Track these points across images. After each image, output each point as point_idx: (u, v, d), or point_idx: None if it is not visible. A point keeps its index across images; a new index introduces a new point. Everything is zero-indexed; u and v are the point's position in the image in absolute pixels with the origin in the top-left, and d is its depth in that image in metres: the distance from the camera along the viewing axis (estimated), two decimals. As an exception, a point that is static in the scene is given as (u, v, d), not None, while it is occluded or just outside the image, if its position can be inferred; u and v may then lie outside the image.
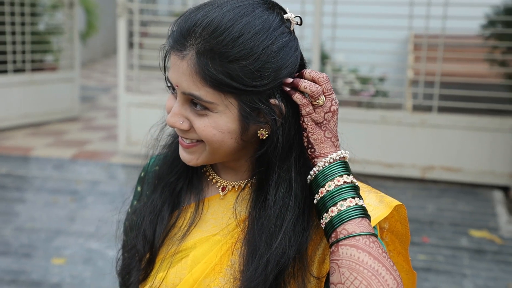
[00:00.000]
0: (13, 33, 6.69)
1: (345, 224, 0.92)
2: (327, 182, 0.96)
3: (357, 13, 5.20)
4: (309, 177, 0.98)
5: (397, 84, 6.64)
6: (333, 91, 0.99)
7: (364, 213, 0.94)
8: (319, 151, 0.98)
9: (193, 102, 0.97)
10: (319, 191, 0.96)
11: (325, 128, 0.98)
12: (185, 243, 1.06)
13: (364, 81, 5.83)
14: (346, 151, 0.99)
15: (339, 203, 0.94)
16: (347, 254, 0.90)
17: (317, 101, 0.97)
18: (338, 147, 0.99)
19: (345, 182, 0.96)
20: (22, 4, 6.74)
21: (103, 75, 11.17)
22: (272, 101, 0.96)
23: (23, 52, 6.79)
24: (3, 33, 6.60)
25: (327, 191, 0.95)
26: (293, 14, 1.01)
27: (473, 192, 5.13)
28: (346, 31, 5.22)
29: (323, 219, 0.95)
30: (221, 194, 1.08)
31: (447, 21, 5.03)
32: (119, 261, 1.21)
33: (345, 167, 0.97)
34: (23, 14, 6.75)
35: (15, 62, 6.73)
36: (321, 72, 1.12)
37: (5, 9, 6.51)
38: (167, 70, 1.01)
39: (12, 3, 6.61)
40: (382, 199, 1.02)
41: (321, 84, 0.97)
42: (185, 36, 0.95)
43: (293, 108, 0.98)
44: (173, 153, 1.11)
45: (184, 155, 1.02)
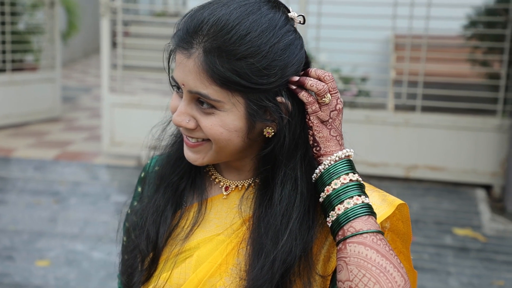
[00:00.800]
0: (-7, 33, 6.60)
1: (352, 221, 0.93)
2: (333, 180, 0.96)
3: (341, 13, 5.23)
4: (315, 175, 0.98)
5: (379, 84, 6.68)
6: (338, 89, 0.99)
7: (370, 211, 0.94)
8: (325, 149, 0.98)
9: (199, 100, 0.97)
10: (325, 189, 0.96)
11: (330, 126, 0.98)
12: (188, 243, 1.05)
13: (346, 80, 5.86)
14: (351, 150, 0.99)
15: (345, 201, 0.94)
16: (355, 251, 0.90)
17: (323, 99, 0.97)
18: (343, 145, 1.00)
19: (351, 180, 0.96)
20: (2, 3, 6.65)
21: (83, 75, 11.07)
22: (278, 99, 0.96)
23: (3, 52, 6.70)
24: (-18, 32, 6.51)
25: (333, 189, 0.95)
26: (296, 13, 1.02)
27: (456, 190, 5.19)
28: (330, 31, 5.24)
29: (330, 217, 0.95)
30: (224, 193, 1.07)
31: (430, 21, 5.07)
32: (120, 262, 1.20)
33: (350, 165, 0.98)
34: (3, 13, 6.66)
35: (-5, 61, 6.64)
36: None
37: (-15, 8, 6.43)
38: (172, 69, 1.01)
39: (-9, 2, 6.52)
40: (384, 198, 1.02)
41: (327, 82, 0.98)
42: (192, 34, 0.94)
43: (299, 106, 0.98)
44: (176, 153, 1.10)
45: (189, 154, 1.02)
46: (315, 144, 0.98)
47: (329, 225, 0.96)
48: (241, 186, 1.07)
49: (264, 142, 1.01)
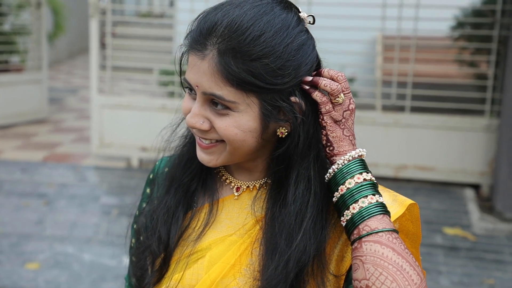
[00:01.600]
0: (-21, 34, 6.53)
1: (367, 220, 0.93)
2: (347, 179, 0.96)
3: (330, 14, 5.24)
4: (328, 175, 0.99)
5: (366, 84, 6.71)
6: (350, 90, 1.00)
7: (385, 210, 0.95)
8: (338, 149, 0.98)
9: (213, 102, 0.97)
10: (338, 188, 0.96)
11: (343, 126, 0.99)
12: (200, 244, 1.05)
13: (334, 81, 5.87)
14: (363, 149, 1.00)
15: (360, 200, 0.94)
16: (371, 250, 0.91)
17: (337, 99, 0.97)
18: (355, 145, 1.00)
19: (365, 179, 0.96)
20: (-13, 3, 6.58)
21: (69, 76, 10.99)
22: (292, 99, 0.96)
23: (-11, 52, 6.63)
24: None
25: (347, 188, 0.96)
26: (305, 13, 1.02)
27: (445, 190, 5.23)
28: (318, 32, 5.25)
29: (344, 216, 0.95)
30: (236, 194, 1.07)
31: (418, 22, 5.11)
32: (129, 264, 1.19)
33: (363, 165, 0.98)
34: (-12, 14, 6.59)
35: (-20, 63, 6.57)
36: None
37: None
38: (184, 70, 1.00)
39: (-23, 3, 6.45)
40: (395, 198, 1.03)
41: (340, 82, 0.98)
42: (206, 36, 0.94)
43: (312, 106, 0.99)
44: (186, 154, 1.10)
45: (202, 156, 1.01)
46: (328, 144, 0.99)
47: (344, 224, 0.96)
48: (252, 186, 1.07)
49: (276, 142, 1.01)
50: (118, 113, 5.60)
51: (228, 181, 1.09)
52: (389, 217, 0.95)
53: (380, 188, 1.04)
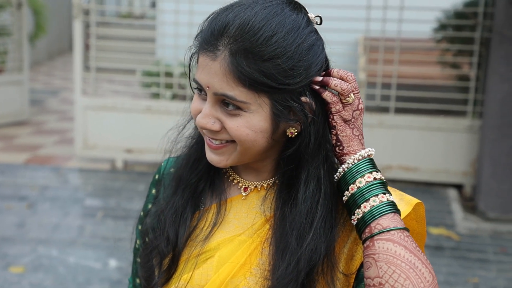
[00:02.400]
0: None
1: (378, 219, 0.94)
2: (357, 178, 0.97)
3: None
4: (338, 174, 1.00)
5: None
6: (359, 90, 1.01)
7: (395, 208, 0.96)
8: (348, 148, 0.99)
9: (224, 102, 0.97)
10: (349, 187, 0.97)
11: (353, 126, 1.00)
12: (208, 244, 1.05)
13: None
14: (372, 149, 1.01)
15: (371, 199, 0.95)
16: (383, 248, 0.92)
17: (347, 99, 0.98)
18: (364, 144, 1.01)
19: (375, 178, 0.98)
20: (-33, 4, 6.49)
21: (49, 78, 10.87)
22: (303, 99, 0.97)
23: (-31, 54, 6.53)
24: None
25: (358, 187, 0.97)
26: (313, 14, 1.03)
27: (429, 190, 5.28)
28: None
29: (355, 215, 0.96)
30: (244, 194, 1.07)
31: (401, 24, 5.15)
32: (133, 265, 1.19)
33: (373, 164, 1.00)
34: (-32, 14, 6.50)
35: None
36: None
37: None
38: (194, 71, 1.00)
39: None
40: (402, 197, 1.04)
41: (350, 82, 0.99)
42: (217, 36, 0.95)
43: (321, 106, 0.99)
44: (194, 155, 1.10)
45: (212, 156, 1.02)
46: (338, 143, 1.00)
47: (354, 223, 0.97)
48: (260, 186, 1.07)
49: (285, 142, 1.02)
50: (102, 115, 5.56)
51: (235, 181, 1.09)
52: (400, 215, 0.96)
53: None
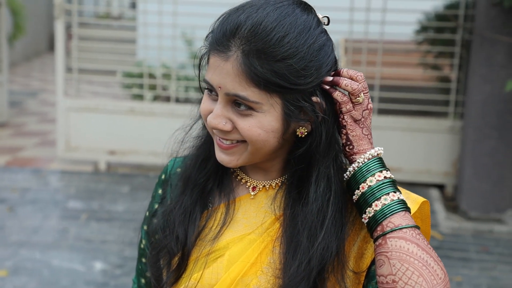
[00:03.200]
0: None
1: (390, 217, 0.95)
2: (368, 177, 0.98)
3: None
4: (348, 173, 1.01)
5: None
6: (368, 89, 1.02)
7: (405, 206, 0.97)
8: (358, 147, 1.00)
9: (236, 102, 0.97)
10: (360, 186, 0.98)
11: (362, 125, 1.01)
12: (218, 244, 1.05)
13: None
14: (381, 148, 1.02)
15: (382, 198, 0.97)
16: (396, 246, 0.93)
17: (357, 98, 0.99)
18: (372, 144, 1.02)
19: (385, 177, 0.99)
20: None
21: (27, 79, 10.73)
22: (314, 98, 0.98)
23: None
24: None
25: (369, 186, 0.98)
26: (321, 14, 1.04)
27: (411, 190, 5.22)
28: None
29: (366, 213, 0.97)
30: (252, 193, 1.08)
31: (384, 26, 5.20)
32: (137, 265, 1.18)
33: (382, 163, 1.01)
34: None
35: None
36: None
37: None
38: (205, 71, 1.01)
39: None
40: (408, 195, 1.06)
41: (360, 82, 1.00)
42: (229, 37, 0.95)
43: (331, 105, 1.00)
44: (202, 155, 1.10)
45: (222, 156, 1.02)
46: (348, 142, 1.01)
47: (365, 221, 0.98)
48: (268, 186, 1.08)
49: (294, 142, 1.03)
50: (85, 116, 5.51)
51: (243, 180, 1.09)
52: (410, 213, 0.98)
53: None
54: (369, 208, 0.97)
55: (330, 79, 0.99)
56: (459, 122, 5.16)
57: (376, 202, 0.96)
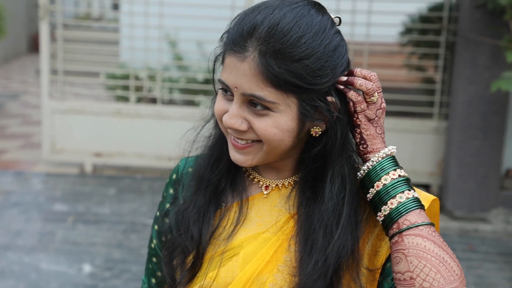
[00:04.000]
0: None
1: (406, 215, 0.96)
2: (382, 176, 0.99)
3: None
4: (362, 172, 1.02)
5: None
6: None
7: (420, 204, 0.99)
8: (371, 146, 1.02)
9: (252, 102, 0.98)
10: (374, 185, 0.99)
11: (376, 124, 1.02)
12: (232, 242, 1.06)
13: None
14: (394, 147, 1.03)
15: (398, 196, 0.98)
16: (413, 243, 0.94)
17: (371, 98, 1.01)
18: (385, 143, 1.04)
19: (399, 175, 1.00)
20: None
21: (7, 81, 10.60)
22: (329, 98, 0.99)
23: None
24: None
25: (384, 184, 0.99)
26: (332, 15, 1.05)
27: (397, 191, 5.37)
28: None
29: (382, 211, 0.98)
30: (265, 193, 1.09)
31: (369, 28, 5.24)
32: (146, 265, 1.18)
33: (396, 161, 1.02)
34: None
35: None
36: None
37: None
38: (219, 71, 1.01)
39: None
40: (418, 194, 1.07)
41: (373, 81, 1.01)
42: (246, 37, 0.96)
43: (344, 105, 1.01)
44: (215, 154, 1.10)
45: (237, 156, 1.02)
46: (362, 141, 1.02)
47: (381, 219, 0.99)
48: (281, 185, 1.08)
49: (307, 142, 1.03)
50: (70, 118, 5.46)
51: (256, 180, 1.10)
52: (424, 211, 0.99)
53: None
54: (384, 206, 0.98)
55: (344, 79, 1.00)
56: (444, 123, 5.22)
57: (391, 200, 0.98)
